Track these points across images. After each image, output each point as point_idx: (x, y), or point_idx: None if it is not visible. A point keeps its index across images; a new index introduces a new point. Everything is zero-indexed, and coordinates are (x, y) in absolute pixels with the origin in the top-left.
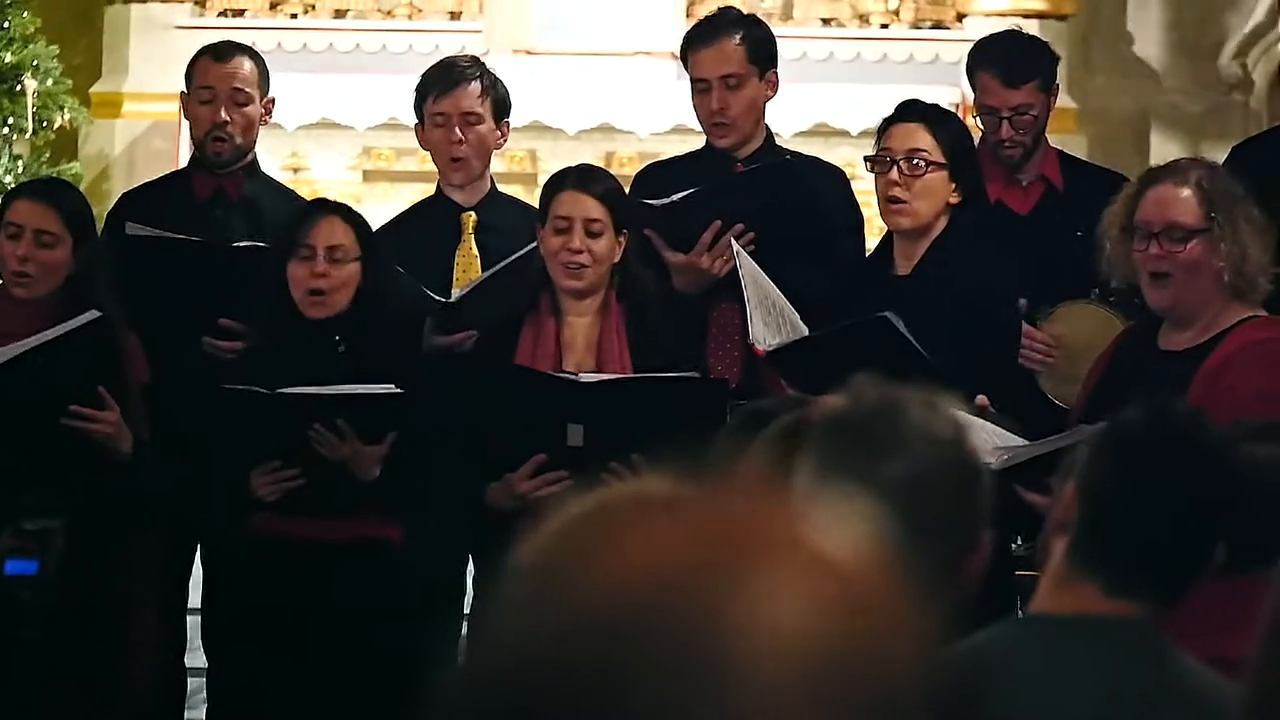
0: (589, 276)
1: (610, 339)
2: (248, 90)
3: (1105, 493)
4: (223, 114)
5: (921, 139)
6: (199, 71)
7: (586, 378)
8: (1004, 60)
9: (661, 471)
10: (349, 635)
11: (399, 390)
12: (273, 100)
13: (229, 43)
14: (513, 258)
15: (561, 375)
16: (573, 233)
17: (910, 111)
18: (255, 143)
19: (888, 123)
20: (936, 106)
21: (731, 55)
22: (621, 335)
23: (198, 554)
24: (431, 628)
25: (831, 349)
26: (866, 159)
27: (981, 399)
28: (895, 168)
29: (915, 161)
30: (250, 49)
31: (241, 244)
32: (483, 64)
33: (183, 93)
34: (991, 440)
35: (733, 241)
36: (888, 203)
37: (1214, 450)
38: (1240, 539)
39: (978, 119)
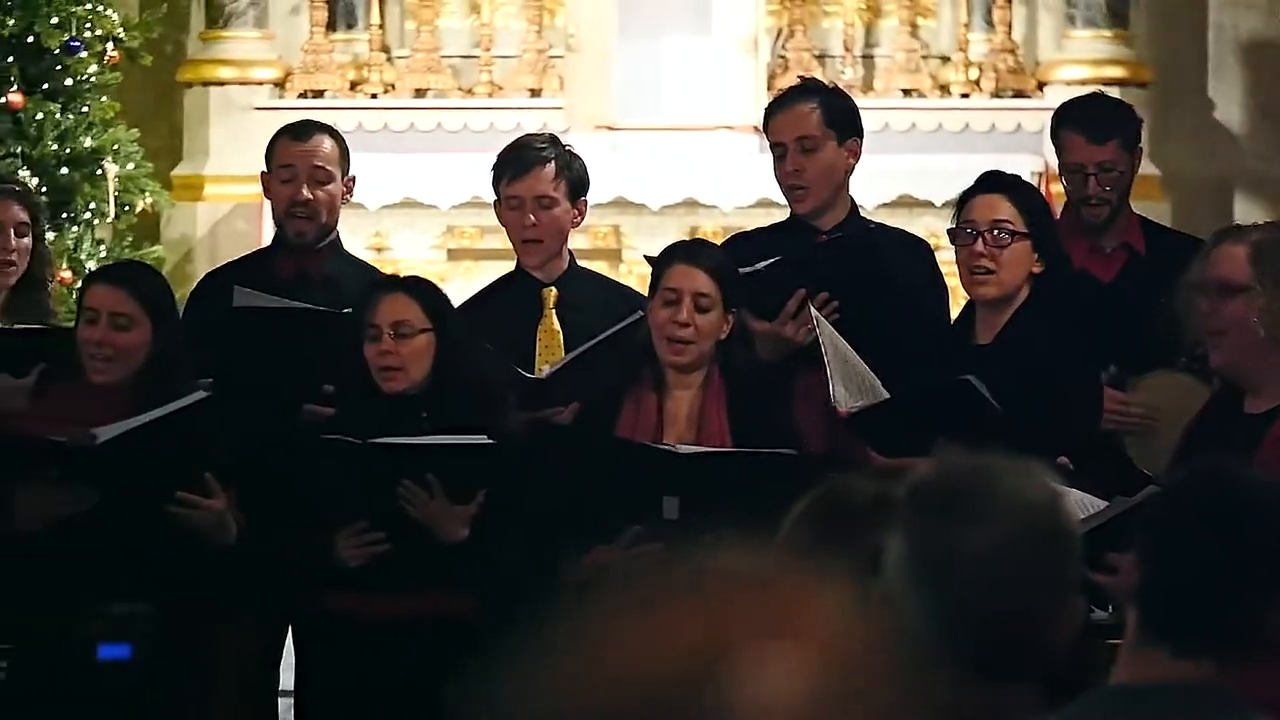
0: (691, 353)
1: (712, 413)
2: (328, 168)
3: (1159, 557)
4: (304, 192)
5: (1004, 209)
6: (279, 151)
7: (685, 449)
8: (1088, 118)
9: (748, 546)
10: (434, 712)
11: (491, 441)
12: (354, 179)
13: (308, 121)
14: (606, 334)
15: (660, 446)
16: (681, 305)
17: (991, 182)
18: (337, 221)
19: (968, 194)
20: (1016, 177)
21: (807, 118)
22: (722, 410)
23: (289, 636)
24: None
25: (914, 411)
26: (949, 231)
27: (1062, 459)
28: (980, 239)
29: (999, 232)
30: (330, 127)
31: (346, 310)
32: (559, 143)
33: (263, 172)
34: (1077, 505)
35: (811, 307)
36: (972, 273)
37: (1260, 505)
38: None
39: (1063, 179)
